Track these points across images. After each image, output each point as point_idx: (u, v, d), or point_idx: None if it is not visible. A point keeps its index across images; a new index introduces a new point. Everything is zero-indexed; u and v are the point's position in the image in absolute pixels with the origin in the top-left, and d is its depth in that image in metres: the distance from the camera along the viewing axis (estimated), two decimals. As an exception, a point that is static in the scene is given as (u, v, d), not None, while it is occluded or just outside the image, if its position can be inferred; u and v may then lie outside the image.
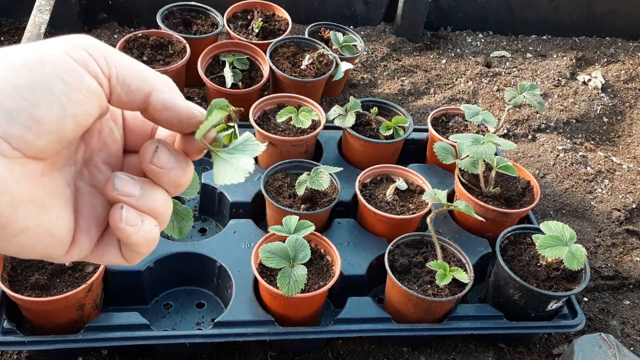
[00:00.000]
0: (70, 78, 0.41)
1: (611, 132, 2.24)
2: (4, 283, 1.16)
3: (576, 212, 1.85)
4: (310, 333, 1.29)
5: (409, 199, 1.53)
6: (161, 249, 1.38)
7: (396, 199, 1.50)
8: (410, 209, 1.49)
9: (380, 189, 1.54)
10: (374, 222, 1.49)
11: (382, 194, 1.52)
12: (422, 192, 1.52)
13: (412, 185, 1.56)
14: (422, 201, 1.48)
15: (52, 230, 0.44)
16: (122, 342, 1.22)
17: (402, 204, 1.50)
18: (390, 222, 1.45)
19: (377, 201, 1.50)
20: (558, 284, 1.36)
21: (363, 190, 1.53)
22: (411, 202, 1.52)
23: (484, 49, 2.52)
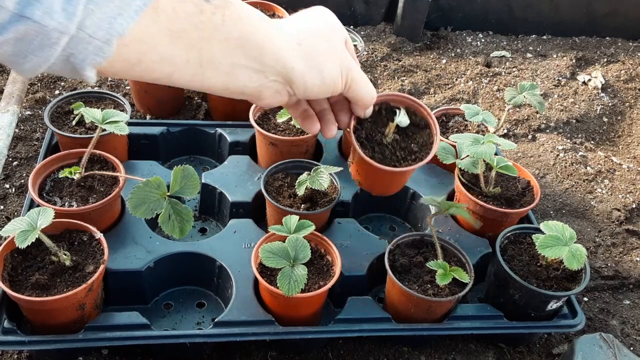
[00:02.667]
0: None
1: (611, 132, 2.24)
2: (4, 283, 1.16)
3: (576, 212, 1.85)
4: (310, 333, 1.29)
5: (412, 137, 1.07)
6: (161, 249, 1.38)
7: (397, 140, 1.05)
8: (414, 151, 1.06)
9: (378, 128, 1.05)
10: (373, 177, 1.12)
11: (381, 134, 1.05)
12: (427, 127, 1.09)
13: (416, 116, 1.08)
14: (427, 140, 1.08)
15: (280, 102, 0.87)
16: (122, 342, 1.22)
17: (403, 145, 1.06)
18: (391, 174, 1.08)
19: (374, 145, 1.04)
20: (558, 284, 1.36)
21: (358, 130, 1.04)
22: (415, 141, 1.06)
23: (484, 49, 2.52)
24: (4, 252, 1.21)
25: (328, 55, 0.82)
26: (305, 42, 0.80)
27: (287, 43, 0.78)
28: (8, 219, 1.54)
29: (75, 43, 0.57)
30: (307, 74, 0.80)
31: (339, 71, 0.83)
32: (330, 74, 0.82)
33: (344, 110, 0.96)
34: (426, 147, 1.03)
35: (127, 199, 1.17)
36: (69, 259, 1.21)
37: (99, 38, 0.58)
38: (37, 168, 1.40)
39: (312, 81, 0.81)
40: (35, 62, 0.57)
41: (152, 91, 1.85)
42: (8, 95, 1.83)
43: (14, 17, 0.52)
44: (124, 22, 0.59)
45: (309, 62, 0.80)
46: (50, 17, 0.54)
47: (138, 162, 1.61)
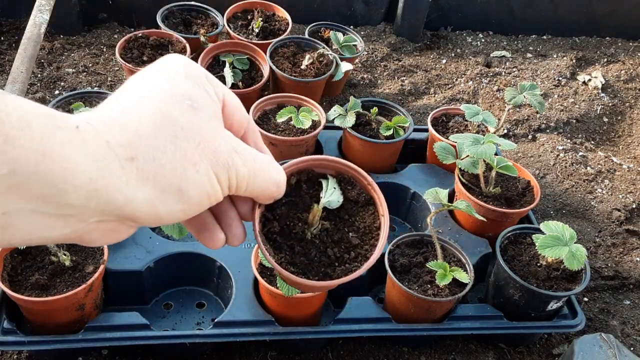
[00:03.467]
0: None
1: (611, 132, 2.24)
2: (4, 283, 1.16)
3: (576, 212, 1.85)
4: (310, 333, 1.29)
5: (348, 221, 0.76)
6: (161, 249, 1.38)
7: (326, 229, 0.72)
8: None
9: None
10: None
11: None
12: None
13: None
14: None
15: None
16: (122, 342, 1.22)
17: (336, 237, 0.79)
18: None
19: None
20: (558, 284, 1.36)
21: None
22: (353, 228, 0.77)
23: (484, 49, 2.52)
24: (4, 252, 1.21)
25: (187, 160, 0.50)
26: (143, 152, 0.48)
27: (107, 163, 0.46)
28: (8, 219, 1.54)
29: None
30: (156, 202, 0.49)
31: (211, 177, 0.51)
32: (197, 189, 0.51)
33: (242, 198, 0.62)
34: (371, 236, 0.67)
35: (127, 199, 1.17)
36: (69, 259, 1.21)
37: None
38: (37, 168, 1.40)
39: (168, 208, 0.50)
40: None
41: (152, 91, 1.84)
42: (8, 95, 1.82)
43: None
44: None
45: (154, 184, 0.48)
46: None
47: (138, 162, 1.60)
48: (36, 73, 2.03)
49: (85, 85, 2.01)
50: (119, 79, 2.06)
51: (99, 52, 2.17)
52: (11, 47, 2.15)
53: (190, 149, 0.49)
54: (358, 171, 0.69)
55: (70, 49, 2.17)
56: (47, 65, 2.07)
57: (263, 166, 0.56)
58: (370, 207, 0.69)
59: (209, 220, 0.61)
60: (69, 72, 2.06)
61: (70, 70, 2.07)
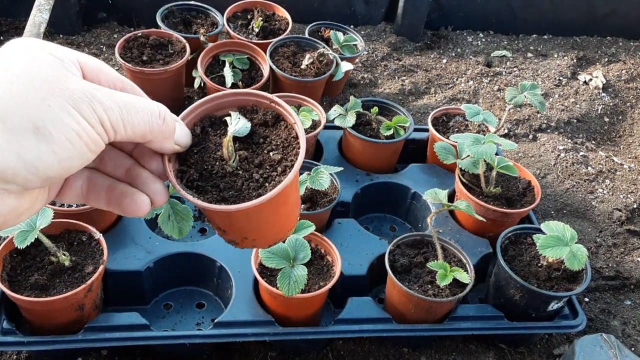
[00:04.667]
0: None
1: (612, 132, 2.23)
2: (3, 283, 1.16)
3: (577, 212, 1.85)
4: (310, 333, 1.29)
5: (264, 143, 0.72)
6: (161, 249, 1.38)
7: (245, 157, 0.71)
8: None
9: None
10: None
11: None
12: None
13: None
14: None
15: (34, 211, 0.53)
16: (121, 343, 1.22)
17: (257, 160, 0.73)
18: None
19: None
20: (559, 284, 1.36)
21: None
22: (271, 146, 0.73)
23: (484, 49, 2.52)
24: (3, 253, 1.20)
25: (32, 99, 0.46)
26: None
27: None
28: (7, 219, 1.54)
29: None
30: (13, 145, 0.45)
31: (70, 111, 0.47)
32: (58, 125, 0.46)
33: (147, 155, 0.60)
34: (291, 147, 0.66)
35: (127, 199, 1.16)
36: (68, 259, 1.21)
37: None
38: (36, 168, 1.40)
39: (33, 151, 0.45)
40: None
41: (151, 91, 1.83)
42: (7, 95, 1.82)
43: None
44: None
45: (3, 126, 0.44)
46: None
47: (138, 162, 1.60)
48: (36, 73, 2.03)
49: (85, 84, 2.01)
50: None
51: (99, 51, 2.16)
52: (11, 46, 2.15)
53: (32, 91, 0.45)
54: (256, 94, 0.67)
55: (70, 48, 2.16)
56: (46, 65, 2.07)
57: (135, 100, 0.52)
58: (281, 122, 0.69)
59: (124, 188, 0.59)
60: (69, 72, 2.05)
61: (70, 69, 2.07)
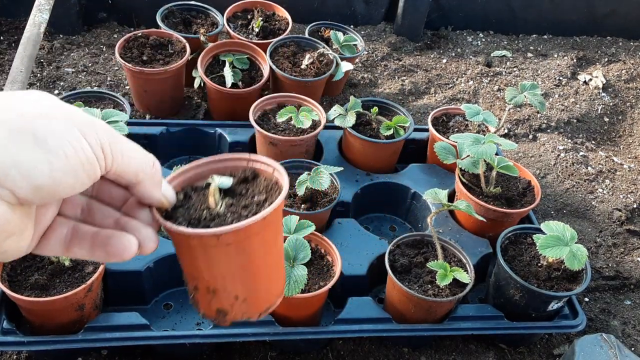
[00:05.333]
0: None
1: (612, 132, 2.23)
2: (3, 283, 1.16)
3: (577, 212, 1.85)
4: (310, 333, 1.29)
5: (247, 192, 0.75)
6: (161, 249, 1.38)
7: (231, 203, 0.73)
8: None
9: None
10: None
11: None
12: None
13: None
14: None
15: (20, 247, 0.52)
16: (122, 343, 1.22)
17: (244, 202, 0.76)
18: None
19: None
20: (559, 284, 1.36)
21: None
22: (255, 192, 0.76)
23: (484, 49, 2.52)
24: (3, 253, 1.20)
25: (36, 116, 0.47)
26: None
27: None
28: (7, 219, 1.54)
29: None
30: (9, 144, 0.45)
31: (69, 128, 0.48)
32: (56, 136, 0.47)
33: (136, 208, 0.63)
34: (274, 189, 0.70)
35: (127, 199, 1.16)
36: (69, 259, 1.21)
37: None
38: (36, 168, 1.40)
39: (28, 155, 0.46)
40: None
41: (151, 91, 1.84)
42: (7, 95, 1.82)
43: None
44: None
45: (3, 127, 0.46)
46: None
47: (138, 162, 1.60)
48: (36, 73, 2.03)
49: (85, 84, 2.01)
50: (118, 78, 2.05)
51: (99, 51, 2.16)
52: (11, 46, 2.15)
53: (39, 107, 0.48)
54: (232, 158, 0.70)
55: (70, 48, 2.16)
56: (46, 65, 2.07)
57: (132, 145, 0.55)
58: (259, 176, 0.72)
59: (112, 231, 0.60)
60: (69, 72, 2.05)
61: (70, 69, 2.07)
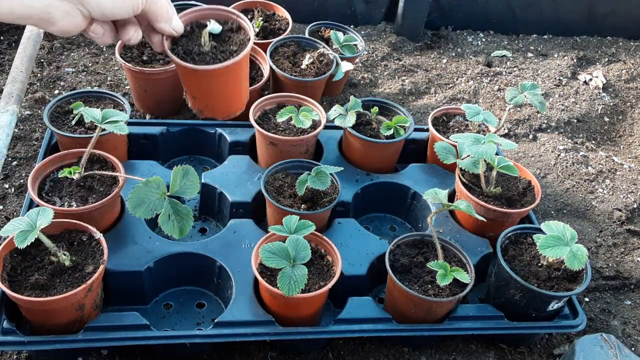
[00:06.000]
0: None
1: (612, 131, 2.23)
2: (3, 283, 1.16)
3: (577, 212, 1.85)
4: (310, 333, 1.29)
5: (228, 41, 1.10)
6: (161, 249, 1.38)
7: (214, 46, 1.08)
8: (234, 51, 1.08)
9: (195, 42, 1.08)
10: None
11: (198, 46, 1.07)
12: (240, 28, 1.11)
13: (229, 23, 1.12)
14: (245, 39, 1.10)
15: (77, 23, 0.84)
16: (122, 342, 1.22)
17: (222, 49, 1.09)
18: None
19: (192, 56, 1.06)
20: (559, 284, 1.36)
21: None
22: (233, 43, 1.09)
23: (484, 49, 2.52)
24: (4, 252, 1.21)
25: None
26: None
27: None
28: (7, 219, 1.54)
29: None
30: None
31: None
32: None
33: (153, 32, 0.98)
34: (244, 44, 1.05)
35: (127, 199, 1.17)
36: (69, 259, 1.21)
37: None
38: (36, 168, 1.40)
39: (106, 1, 0.80)
40: None
41: (152, 91, 1.84)
42: (7, 95, 1.82)
43: None
44: None
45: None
46: None
47: (138, 162, 1.60)
48: (36, 72, 2.03)
49: (85, 84, 2.01)
50: (118, 78, 2.06)
51: (99, 51, 2.17)
52: (11, 46, 2.15)
53: None
54: (228, 10, 1.08)
55: (70, 48, 2.16)
56: (46, 65, 2.07)
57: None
58: (241, 30, 1.09)
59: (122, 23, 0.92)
60: (69, 72, 2.06)
61: (70, 69, 2.07)
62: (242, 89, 1.14)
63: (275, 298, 1.26)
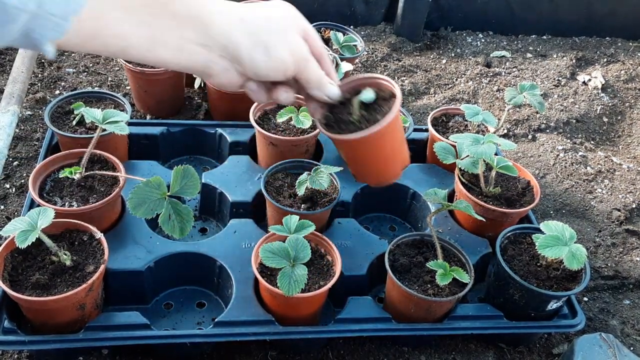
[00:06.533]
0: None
1: (611, 132, 2.24)
2: (4, 283, 1.16)
3: (576, 212, 1.85)
4: (310, 333, 1.29)
5: (379, 109, 1.03)
6: (162, 249, 1.38)
7: (364, 115, 1.03)
8: (379, 120, 1.01)
9: (347, 110, 1.05)
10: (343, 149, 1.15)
11: (349, 115, 1.04)
12: (393, 96, 1.05)
13: (383, 92, 1.06)
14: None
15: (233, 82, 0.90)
16: (122, 342, 1.22)
17: (368, 118, 1.03)
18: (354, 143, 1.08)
19: (342, 125, 1.04)
20: (558, 284, 1.36)
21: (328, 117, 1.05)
22: (380, 111, 1.03)
23: (484, 49, 2.53)
24: (5, 252, 1.21)
25: (275, 36, 0.85)
26: (249, 20, 0.83)
27: (230, 18, 0.82)
28: (8, 219, 1.54)
29: (34, 20, 0.63)
30: (253, 51, 0.83)
31: (288, 52, 0.86)
32: (278, 53, 0.85)
33: (309, 97, 0.99)
34: (388, 114, 0.98)
35: (128, 199, 1.17)
36: (69, 259, 1.22)
37: (56, 15, 0.64)
38: (37, 168, 1.40)
39: (259, 57, 0.84)
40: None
41: (152, 91, 1.85)
42: (8, 95, 1.83)
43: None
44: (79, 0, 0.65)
45: (253, 38, 0.83)
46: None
47: (138, 162, 1.61)
48: (37, 73, 2.03)
49: (86, 85, 2.01)
50: (119, 79, 2.06)
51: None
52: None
53: (280, 34, 0.86)
54: (383, 78, 1.05)
55: (71, 49, 2.17)
56: (47, 65, 2.08)
57: (318, 68, 0.93)
58: (392, 99, 1.02)
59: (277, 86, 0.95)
60: (70, 72, 2.06)
61: (71, 70, 2.07)
62: (388, 159, 1.08)
63: (275, 298, 1.27)
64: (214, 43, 0.81)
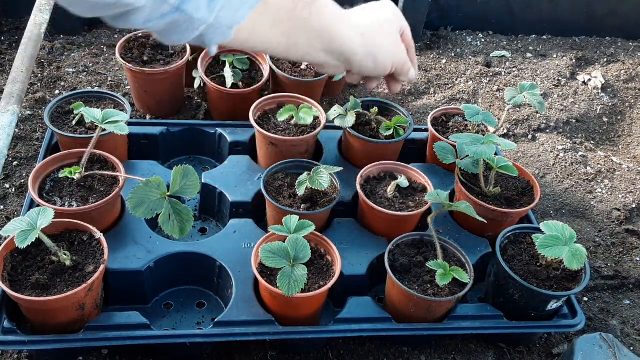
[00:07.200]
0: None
1: (611, 132, 2.24)
2: (4, 283, 1.16)
3: (576, 212, 1.85)
4: (310, 333, 1.29)
5: (409, 196, 1.52)
6: (162, 249, 1.38)
7: (397, 196, 1.50)
8: (410, 206, 1.49)
9: (382, 186, 1.54)
10: (373, 218, 1.49)
11: (383, 191, 1.51)
12: (424, 190, 1.53)
13: (414, 183, 1.56)
14: (423, 199, 1.48)
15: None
16: (122, 342, 1.22)
17: (402, 201, 1.49)
18: (389, 218, 1.45)
19: (377, 197, 1.50)
20: (558, 284, 1.36)
21: (364, 186, 1.53)
22: (412, 200, 1.51)
23: (484, 49, 2.53)
24: (4, 252, 1.21)
25: (384, 48, 1.12)
26: (368, 34, 1.08)
27: (352, 34, 1.06)
28: (8, 219, 1.54)
29: (209, 28, 0.82)
30: (363, 60, 1.10)
31: (390, 61, 1.15)
32: (383, 63, 1.13)
33: (391, 78, 1.27)
34: (421, 204, 1.40)
35: (127, 199, 1.17)
36: (69, 259, 1.22)
37: (225, 25, 0.83)
38: (37, 168, 1.40)
39: (367, 65, 1.12)
40: (176, 39, 0.83)
41: (152, 91, 1.85)
42: (8, 95, 1.82)
43: (173, 9, 0.77)
44: (243, 13, 0.84)
45: (366, 50, 1.09)
46: (198, 11, 0.78)
47: (138, 162, 1.61)
48: (36, 73, 2.03)
49: (86, 85, 2.01)
50: (119, 78, 2.06)
51: (99, 52, 2.17)
52: (11, 46, 2.15)
53: (388, 45, 1.14)
54: (419, 173, 1.51)
55: (71, 48, 2.17)
56: (47, 65, 2.08)
57: (409, 67, 1.23)
58: (423, 192, 1.44)
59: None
60: (69, 72, 2.06)
61: (71, 70, 2.07)
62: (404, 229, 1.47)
63: (275, 298, 1.27)
64: (334, 51, 1.06)
